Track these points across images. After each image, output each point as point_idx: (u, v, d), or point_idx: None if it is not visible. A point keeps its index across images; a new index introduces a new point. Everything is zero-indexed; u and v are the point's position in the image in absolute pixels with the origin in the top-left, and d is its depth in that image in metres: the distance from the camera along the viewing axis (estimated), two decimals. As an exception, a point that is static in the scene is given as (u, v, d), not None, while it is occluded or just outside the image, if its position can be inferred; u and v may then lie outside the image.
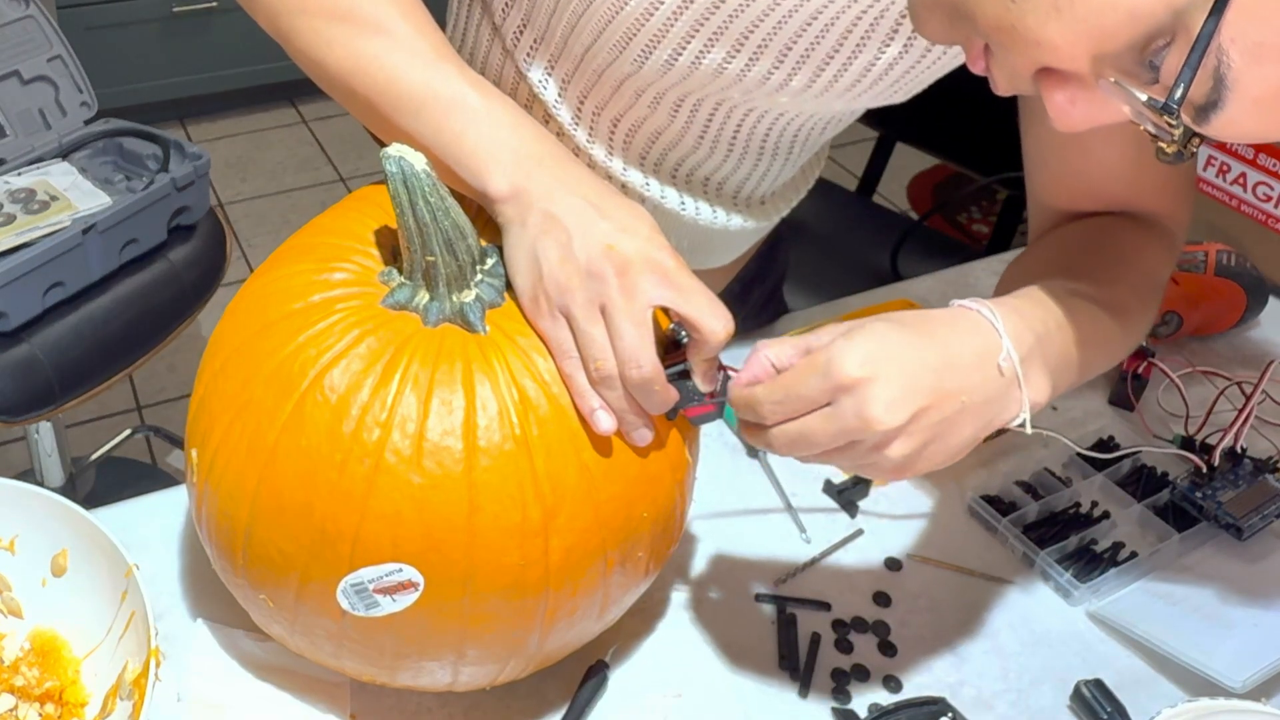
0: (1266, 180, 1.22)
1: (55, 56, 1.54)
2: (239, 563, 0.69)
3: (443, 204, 0.66)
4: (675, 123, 0.87)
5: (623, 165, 0.91)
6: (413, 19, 0.72)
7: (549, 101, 0.87)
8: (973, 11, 0.58)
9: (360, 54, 0.72)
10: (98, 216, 1.41)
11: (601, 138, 0.89)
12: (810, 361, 0.66)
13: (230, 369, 0.69)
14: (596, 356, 0.66)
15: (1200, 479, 0.97)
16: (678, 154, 0.90)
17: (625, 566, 0.71)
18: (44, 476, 1.73)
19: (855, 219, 1.86)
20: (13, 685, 0.76)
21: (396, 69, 0.71)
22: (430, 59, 0.71)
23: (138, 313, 1.49)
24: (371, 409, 0.65)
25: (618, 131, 0.89)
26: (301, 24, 0.73)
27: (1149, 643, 0.85)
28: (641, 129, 0.88)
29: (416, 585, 0.65)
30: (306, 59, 0.74)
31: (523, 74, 0.87)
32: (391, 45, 0.71)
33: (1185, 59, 0.52)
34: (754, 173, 0.94)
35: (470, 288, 0.69)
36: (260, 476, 0.66)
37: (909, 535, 0.94)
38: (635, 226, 0.67)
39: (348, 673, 0.74)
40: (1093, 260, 0.81)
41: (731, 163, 0.92)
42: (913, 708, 0.80)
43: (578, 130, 0.89)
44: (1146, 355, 1.08)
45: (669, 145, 0.89)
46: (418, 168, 0.65)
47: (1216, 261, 1.17)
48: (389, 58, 0.71)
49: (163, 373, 2.39)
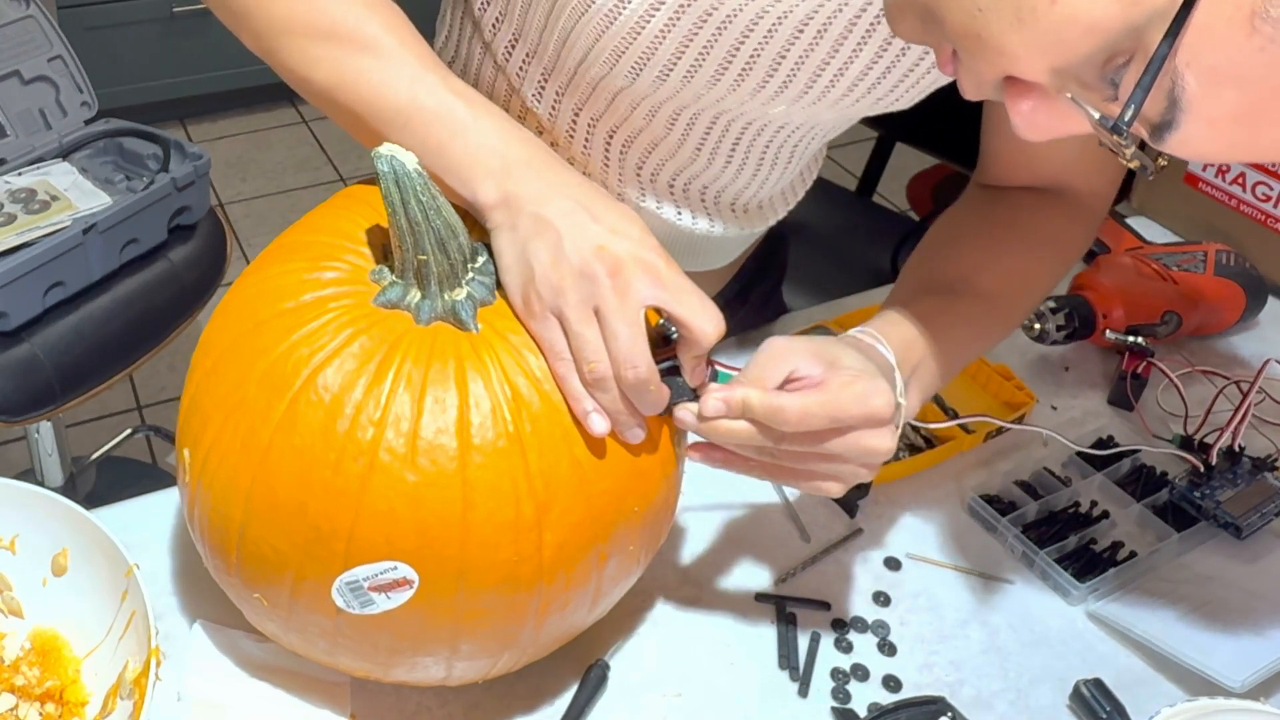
0: (1265, 180, 1.22)
1: (56, 56, 1.54)
2: (233, 561, 0.69)
3: (434, 203, 0.66)
4: (672, 135, 0.87)
5: (618, 177, 0.91)
6: (397, 33, 0.72)
7: (542, 115, 0.87)
8: (942, 16, 0.58)
9: (345, 71, 0.71)
10: (98, 216, 1.41)
11: (597, 151, 0.89)
12: (845, 395, 0.70)
13: (222, 369, 0.69)
14: (590, 358, 0.66)
15: (1199, 478, 0.97)
16: (674, 165, 0.90)
17: (617, 559, 0.71)
18: (44, 476, 1.73)
19: (855, 219, 1.86)
20: (13, 685, 0.76)
21: (383, 84, 0.71)
22: (416, 72, 0.71)
23: (138, 313, 1.49)
24: (365, 408, 0.65)
25: (614, 144, 0.88)
26: (286, 44, 0.73)
27: (1148, 642, 0.85)
28: (637, 141, 0.88)
29: (411, 582, 0.66)
30: (294, 76, 0.74)
31: (514, 88, 0.87)
32: (377, 61, 0.71)
33: (1138, 79, 0.53)
34: (752, 182, 0.94)
35: (462, 286, 0.69)
36: (254, 476, 0.66)
37: (908, 535, 0.94)
38: (626, 228, 0.68)
39: (342, 669, 0.74)
40: (997, 252, 0.89)
41: (730, 173, 0.92)
42: (912, 707, 0.80)
43: (573, 143, 0.89)
44: (1146, 355, 1.08)
45: (665, 157, 0.89)
46: (409, 167, 0.65)
47: (1216, 261, 1.17)
48: (374, 74, 0.71)
49: (163, 373, 2.39)
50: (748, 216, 0.98)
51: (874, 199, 1.97)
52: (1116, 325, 1.12)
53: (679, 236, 0.95)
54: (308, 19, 0.72)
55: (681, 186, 0.92)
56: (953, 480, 0.99)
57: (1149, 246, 1.22)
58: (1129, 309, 1.12)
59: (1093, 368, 1.14)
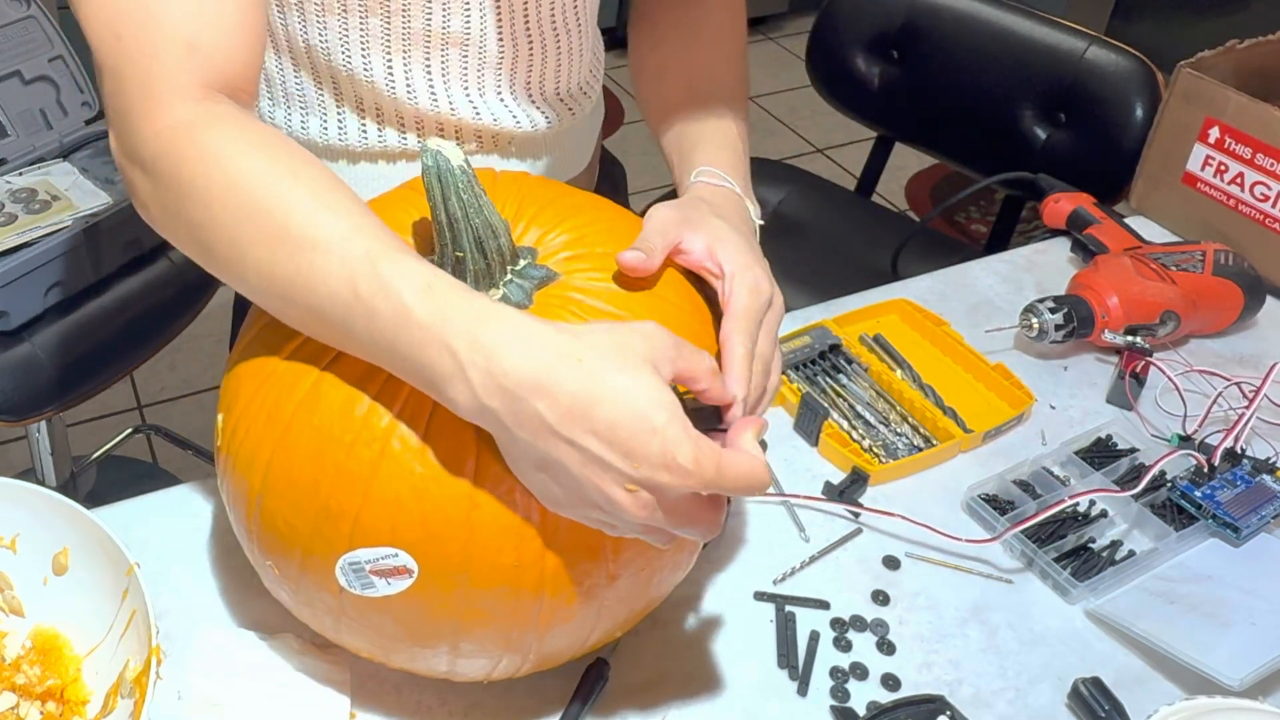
0: (1264, 180, 1.22)
1: (56, 57, 1.55)
2: (251, 529, 0.71)
3: (476, 202, 0.67)
4: (471, 31, 0.87)
5: (450, 107, 0.90)
6: (333, 206, 0.65)
7: (359, 71, 0.86)
8: None
9: (288, 276, 0.65)
10: (99, 216, 1.42)
11: (421, 88, 0.88)
12: (748, 304, 0.74)
13: (262, 339, 0.71)
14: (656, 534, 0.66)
15: (1199, 478, 0.97)
16: (488, 67, 0.90)
17: (629, 581, 0.71)
18: (45, 475, 1.73)
19: (854, 218, 1.86)
20: (14, 683, 0.76)
21: (328, 287, 0.63)
22: (361, 268, 0.62)
23: (138, 313, 1.49)
24: (385, 396, 0.66)
25: (433, 70, 0.88)
26: (219, 235, 0.67)
27: (1147, 641, 0.85)
28: (449, 60, 0.88)
29: (411, 571, 0.66)
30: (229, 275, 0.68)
31: (330, 60, 0.86)
32: (317, 258, 0.63)
33: None
34: (561, 57, 0.95)
35: (498, 287, 0.70)
36: (274, 448, 0.68)
37: (907, 534, 0.94)
38: (642, 445, 0.60)
39: (347, 648, 0.75)
40: (704, 75, 0.96)
41: (537, 55, 0.93)
42: (911, 706, 0.80)
43: (395, 90, 0.88)
44: (1144, 355, 1.08)
45: (478, 61, 0.89)
46: (454, 163, 0.66)
47: (1214, 261, 1.17)
48: (317, 278, 0.64)
49: (163, 372, 2.39)
50: (573, 99, 0.99)
51: (873, 199, 1.97)
52: (1115, 325, 1.12)
53: (529, 142, 0.96)
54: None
55: (508, 87, 0.92)
56: (952, 480, 0.99)
57: (1147, 246, 1.22)
58: (1128, 309, 1.12)
59: (1091, 367, 1.14)
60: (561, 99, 0.98)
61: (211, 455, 0.93)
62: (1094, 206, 1.27)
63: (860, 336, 1.14)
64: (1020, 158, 1.65)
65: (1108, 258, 1.18)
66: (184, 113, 0.67)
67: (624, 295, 0.71)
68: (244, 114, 0.69)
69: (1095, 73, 1.58)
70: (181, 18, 0.68)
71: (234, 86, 0.70)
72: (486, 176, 0.77)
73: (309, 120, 0.91)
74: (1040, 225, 1.35)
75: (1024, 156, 1.65)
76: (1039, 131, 1.65)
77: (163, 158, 0.67)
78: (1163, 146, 1.33)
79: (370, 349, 0.64)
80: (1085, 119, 1.60)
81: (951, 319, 1.15)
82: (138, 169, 0.68)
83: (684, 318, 0.73)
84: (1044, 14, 1.66)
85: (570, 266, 0.72)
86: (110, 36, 0.68)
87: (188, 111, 0.67)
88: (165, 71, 0.68)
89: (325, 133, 0.91)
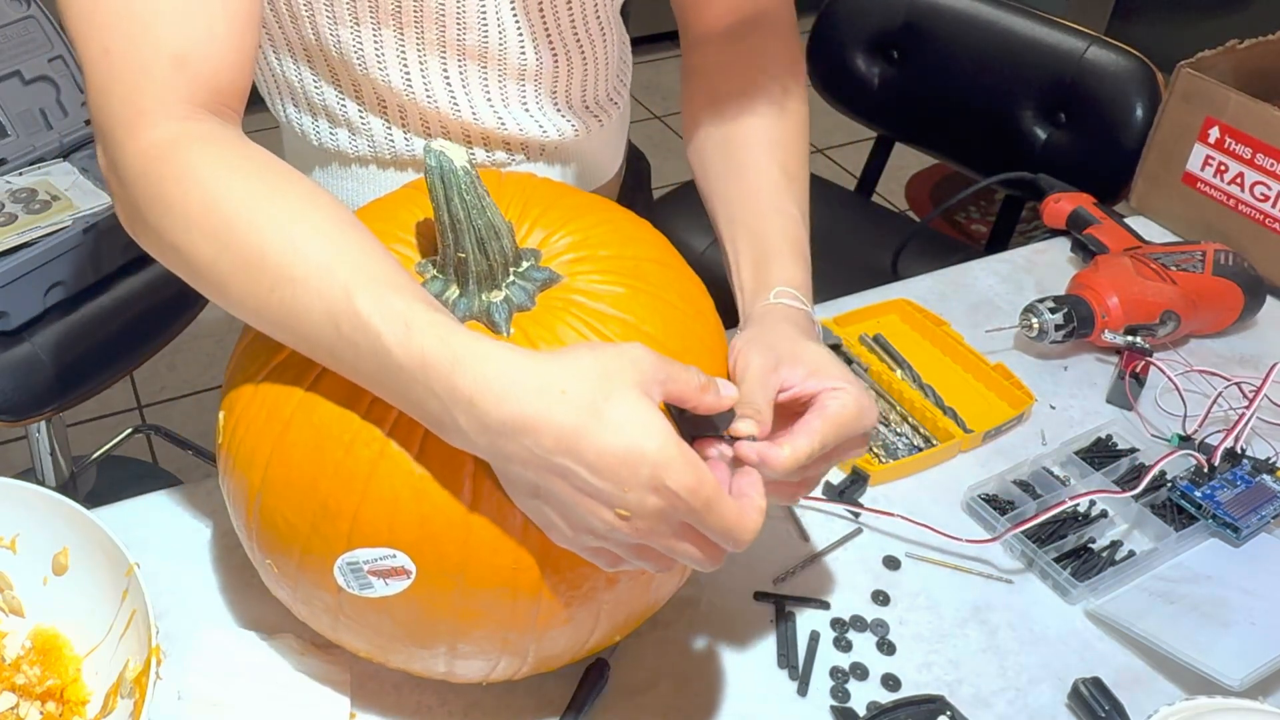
0: (1264, 180, 1.22)
1: (56, 56, 1.54)
2: (251, 527, 0.71)
3: (479, 203, 0.67)
4: (490, 43, 0.86)
5: (472, 114, 0.90)
6: (336, 244, 0.64)
7: (385, 79, 0.86)
8: None
9: (271, 307, 0.64)
10: (99, 216, 1.41)
11: (442, 96, 0.88)
12: (846, 417, 0.70)
13: (264, 337, 0.71)
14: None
15: (1199, 478, 0.97)
16: (510, 78, 0.89)
17: (628, 584, 0.71)
18: (45, 475, 1.73)
19: (854, 218, 1.86)
20: (14, 684, 0.76)
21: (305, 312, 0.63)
22: (339, 306, 0.62)
23: (138, 313, 1.49)
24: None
25: (452, 79, 0.87)
26: (220, 270, 0.66)
27: (1147, 641, 0.85)
28: (468, 69, 0.87)
29: (409, 572, 0.66)
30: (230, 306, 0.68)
31: (366, 70, 0.86)
32: (297, 290, 0.63)
33: None
34: (585, 66, 0.94)
35: (501, 288, 0.70)
36: (274, 446, 0.68)
37: (907, 534, 0.94)
38: (631, 472, 0.59)
39: (346, 647, 0.75)
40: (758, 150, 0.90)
41: (562, 65, 0.92)
42: (911, 706, 0.80)
43: (414, 94, 0.87)
44: (1144, 355, 1.08)
45: (500, 72, 0.88)
46: (457, 164, 0.66)
47: (1214, 261, 1.17)
48: (300, 310, 0.63)
49: (163, 372, 2.39)
50: (600, 108, 0.98)
51: (873, 199, 1.97)
52: (1115, 325, 1.12)
53: (558, 150, 0.95)
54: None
55: (533, 98, 0.92)
56: (952, 480, 0.99)
57: (1147, 246, 1.22)
58: (1128, 309, 1.12)
59: (1091, 367, 1.14)
60: (589, 108, 0.97)
61: (212, 455, 0.93)
62: (1094, 206, 1.27)
63: (860, 336, 1.14)
64: (1020, 158, 1.65)
65: (1108, 258, 1.18)
66: (167, 131, 0.67)
67: (628, 298, 0.71)
68: (229, 132, 0.69)
69: (1095, 73, 1.58)
70: (172, 30, 0.68)
71: (221, 101, 0.70)
72: (491, 178, 0.77)
73: (337, 130, 0.91)
74: (1040, 225, 1.35)
75: (1024, 156, 1.65)
76: (1039, 131, 1.65)
77: (144, 176, 0.66)
78: (1163, 146, 1.33)
79: (363, 380, 0.64)
80: (1085, 119, 1.60)
81: (951, 319, 1.15)
82: (122, 185, 0.68)
83: (688, 320, 0.73)
84: (1044, 14, 1.66)
85: (574, 269, 0.72)
86: (98, 51, 0.68)
87: (171, 130, 0.67)
88: (152, 88, 0.67)
89: (354, 141, 0.91)
